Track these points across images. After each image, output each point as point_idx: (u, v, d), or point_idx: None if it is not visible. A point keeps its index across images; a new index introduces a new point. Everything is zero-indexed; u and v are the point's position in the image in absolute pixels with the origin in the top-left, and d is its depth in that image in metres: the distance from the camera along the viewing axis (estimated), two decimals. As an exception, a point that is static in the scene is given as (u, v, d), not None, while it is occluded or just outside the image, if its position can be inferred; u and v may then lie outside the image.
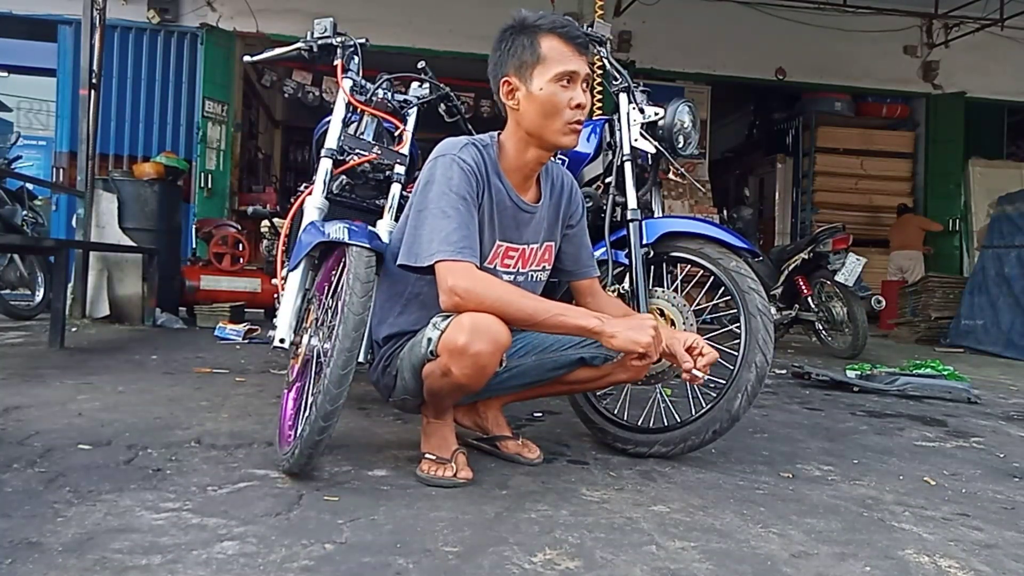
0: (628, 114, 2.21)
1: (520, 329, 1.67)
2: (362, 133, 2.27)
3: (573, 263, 1.90)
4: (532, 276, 1.83)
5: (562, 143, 1.67)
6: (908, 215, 8.65)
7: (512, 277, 1.77)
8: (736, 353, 1.89)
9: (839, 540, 1.40)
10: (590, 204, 2.23)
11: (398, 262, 1.64)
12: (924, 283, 6.72)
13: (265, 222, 3.91)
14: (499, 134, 1.75)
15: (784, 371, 3.92)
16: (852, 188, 9.41)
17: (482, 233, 1.67)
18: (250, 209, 4.07)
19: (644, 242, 2.08)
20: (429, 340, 1.58)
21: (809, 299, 5.05)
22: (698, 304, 2.19)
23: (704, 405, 1.91)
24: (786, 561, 1.28)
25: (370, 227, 1.80)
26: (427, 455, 1.70)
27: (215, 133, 7.54)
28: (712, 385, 1.98)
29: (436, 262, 1.55)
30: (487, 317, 1.51)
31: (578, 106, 1.64)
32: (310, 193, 2.10)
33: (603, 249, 2.13)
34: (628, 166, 2.19)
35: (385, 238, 2.06)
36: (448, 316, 1.57)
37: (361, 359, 1.66)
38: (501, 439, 1.90)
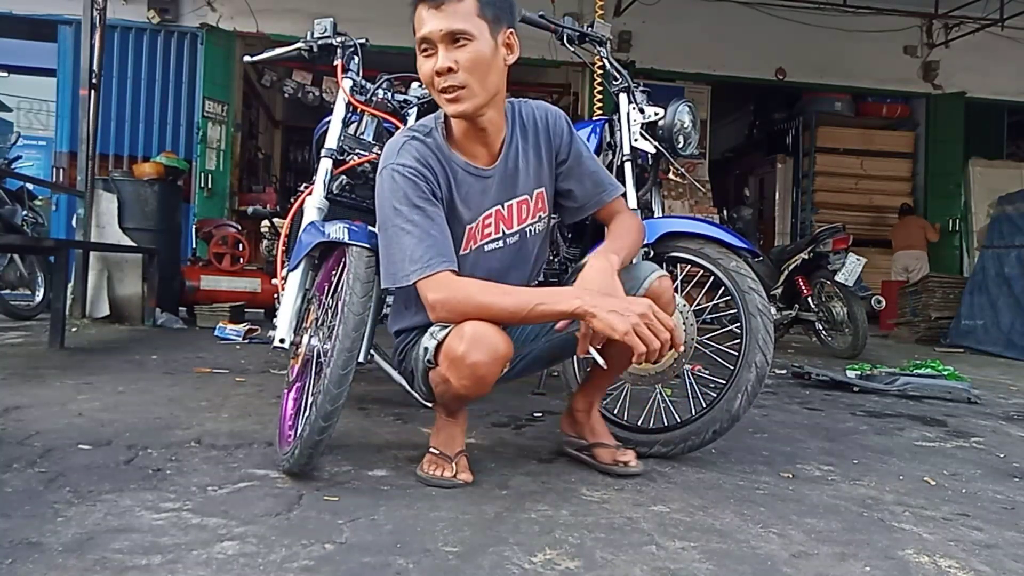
0: (628, 114, 2.22)
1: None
2: (362, 133, 2.27)
3: (582, 196, 1.76)
4: (529, 231, 1.72)
5: (448, 112, 1.57)
6: (912, 216, 8.66)
7: (501, 242, 1.69)
8: (736, 353, 1.89)
9: (839, 540, 1.40)
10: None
11: (381, 286, 1.60)
12: (924, 283, 6.72)
13: (265, 222, 3.92)
14: None
15: (784, 371, 3.92)
16: (852, 188, 9.42)
17: (460, 218, 1.62)
18: (250, 209, 4.09)
19: (644, 242, 2.08)
20: (426, 350, 1.58)
21: (809, 299, 5.05)
22: (698, 304, 2.19)
23: (704, 405, 1.91)
24: (786, 561, 1.28)
25: (370, 227, 1.80)
26: (431, 449, 1.70)
27: (215, 133, 7.54)
28: (712, 385, 1.98)
29: (414, 283, 1.51)
30: (488, 327, 1.47)
31: (438, 72, 1.50)
32: (310, 193, 2.10)
33: (603, 249, 2.12)
34: (628, 166, 2.19)
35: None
36: (446, 326, 1.55)
37: (361, 359, 1.66)
38: (596, 447, 1.80)
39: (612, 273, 1.53)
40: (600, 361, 1.53)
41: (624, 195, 1.85)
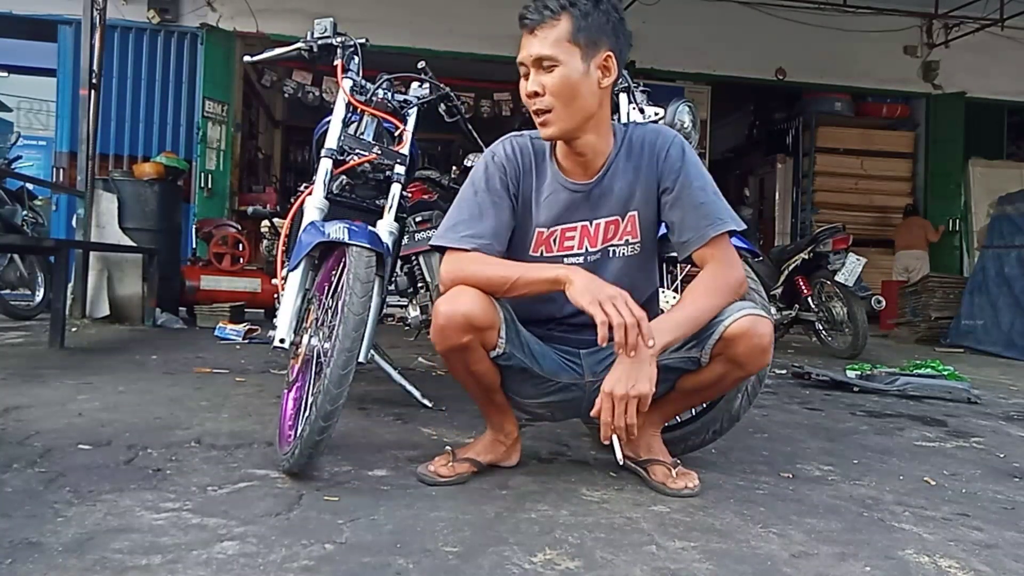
0: (628, 114, 2.22)
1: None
2: (362, 133, 2.27)
3: (684, 229, 1.64)
4: (613, 252, 1.69)
5: (541, 135, 1.62)
6: (914, 217, 8.68)
7: (582, 258, 1.67)
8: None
9: (839, 540, 1.40)
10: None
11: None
12: (924, 283, 6.72)
13: (265, 222, 3.92)
14: None
15: (784, 371, 3.92)
16: (852, 188, 9.41)
17: (532, 217, 1.68)
18: (250, 209, 4.09)
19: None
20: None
21: (809, 299, 5.05)
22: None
23: (704, 405, 1.91)
24: (786, 561, 1.28)
25: (370, 227, 1.80)
26: (447, 449, 1.73)
27: (215, 133, 7.54)
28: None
29: (443, 248, 1.63)
30: (466, 289, 1.55)
31: (527, 95, 1.58)
32: (310, 193, 2.10)
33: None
34: (628, 166, 2.19)
35: (385, 238, 2.06)
36: None
37: (361, 359, 1.66)
38: (651, 463, 1.73)
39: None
40: (619, 455, 1.53)
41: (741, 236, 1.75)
